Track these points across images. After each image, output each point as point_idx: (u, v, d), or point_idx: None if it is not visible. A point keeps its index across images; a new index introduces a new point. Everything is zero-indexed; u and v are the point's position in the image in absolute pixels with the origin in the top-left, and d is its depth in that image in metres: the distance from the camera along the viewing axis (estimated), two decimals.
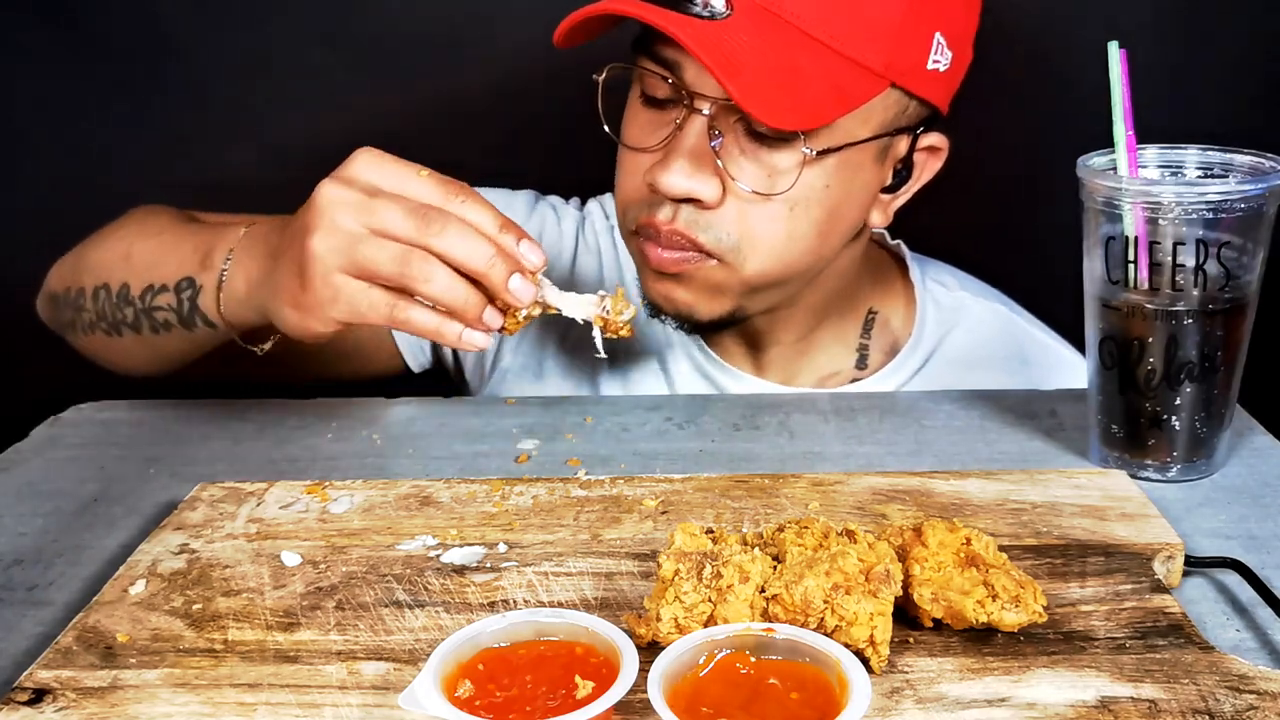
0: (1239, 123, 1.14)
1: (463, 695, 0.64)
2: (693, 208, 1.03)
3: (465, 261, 0.85)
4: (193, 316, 1.01)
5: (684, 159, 1.01)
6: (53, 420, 1.13)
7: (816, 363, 1.20)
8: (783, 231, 1.04)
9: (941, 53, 1.04)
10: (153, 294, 1.04)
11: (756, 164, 1.02)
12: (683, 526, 0.74)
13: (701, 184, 1.01)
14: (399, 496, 0.91)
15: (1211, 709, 0.65)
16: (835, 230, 1.07)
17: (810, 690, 0.64)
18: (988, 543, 0.75)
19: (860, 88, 1.01)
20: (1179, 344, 0.91)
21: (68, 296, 1.14)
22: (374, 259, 0.85)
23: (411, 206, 0.85)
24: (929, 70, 1.04)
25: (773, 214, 1.03)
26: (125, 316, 1.07)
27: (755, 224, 1.03)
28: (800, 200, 1.03)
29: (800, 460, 1.01)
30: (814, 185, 1.03)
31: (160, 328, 1.05)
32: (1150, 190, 0.90)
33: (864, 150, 1.05)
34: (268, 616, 0.76)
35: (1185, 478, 0.95)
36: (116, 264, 1.08)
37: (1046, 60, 1.50)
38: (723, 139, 1.02)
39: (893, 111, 1.05)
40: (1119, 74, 0.92)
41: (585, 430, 1.08)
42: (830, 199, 1.04)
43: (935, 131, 1.10)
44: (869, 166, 1.06)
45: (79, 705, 0.68)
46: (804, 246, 1.05)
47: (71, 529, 0.93)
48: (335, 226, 0.85)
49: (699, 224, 1.03)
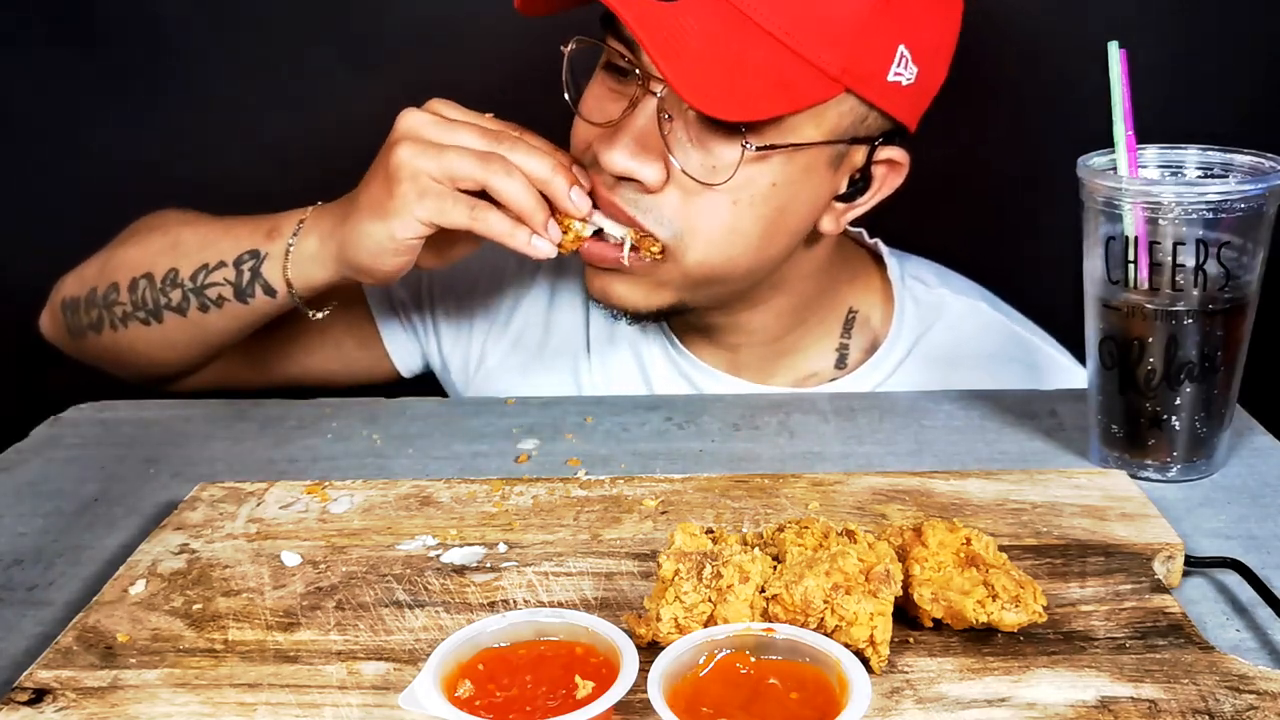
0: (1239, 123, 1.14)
1: (463, 695, 0.64)
2: (633, 187, 1.02)
3: (532, 172, 0.97)
4: (251, 286, 1.07)
5: (630, 138, 1.01)
6: (53, 420, 1.13)
7: (794, 363, 1.20)
8: (725, 224, 1.03)
9: (905, 66, 1.02)
10: (207, 272, 1.09)
11: (702, 152, 1.01)
12: (683, 526, 0.74)
13: (643, 165, 1.00)
14: (399, 496, 0.91)
15: (1211, 709, 0.65)
16: (781, 230, 1.06)
17: (810, 690, 0.64)
18: (988, 543, 0.75)
19: (810, 88, 0.99)
20: (1179, 344, 0.91)
21: (94, 296, 1.16)
22: (459, 162, 0.96)
23: (484, 130, 0.99)
24: (889, 82, 1.02)
25: (715, 205, 1.02)
26: (171, 299, 1.10)
27: (697, 214, 1.02)
28: (744, 195, 1.02)
29: (800, 460, 1.01)
30: (758, 181, 1.02)
31: (211, 304, 1.09)
32: (1150, 190, 0.90)
33: (816, 153, 1.03)
34: (268, 616, 0.76)
35: (1185, 478, 0.95)
36: (161, 253, 1.12)
37: (1046, 60, 1.50)
38: (672, 123, 1.01)
39: (849, 119, 1.03)
40: (1119, 74, 0.92)
41: (585, 430, 1.08)
42: (777, 197, 1.03)
43: (896, 146, 1.08)
44: (820, 171, 1.05)
45: (79, 705, 0.68)
46: (747, 242, 1.04)
47: (71, 529, 0.93)
48: (421, 138, 0.97)
49: (639, 204, 1.03)
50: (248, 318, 1.10)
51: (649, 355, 1.22)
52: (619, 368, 1.23)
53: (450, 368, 1.28)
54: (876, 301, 1.23)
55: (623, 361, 1.23)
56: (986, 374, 1.18)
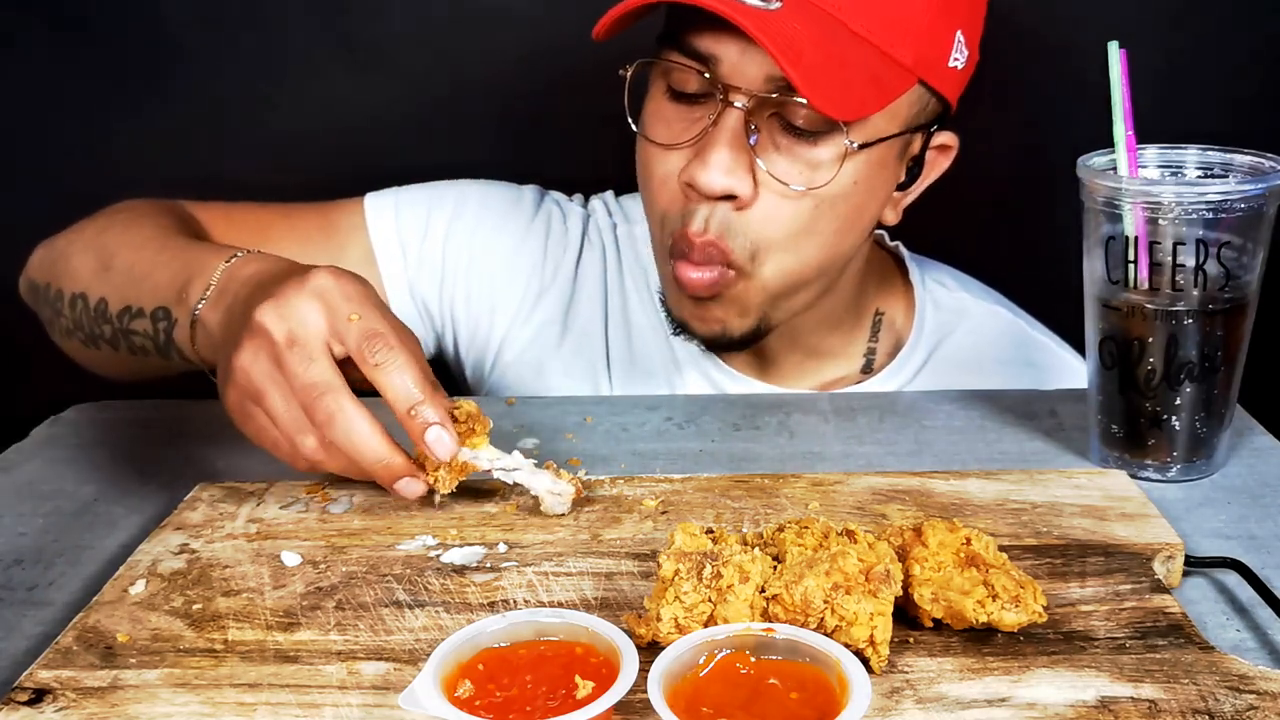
0: (1239, 123, 1.14)
1: (463, 695, 0.64)
2: (727, 208, 1.02)
3: (351, 455, 0.83)
4: (169, 349, 0.98)
5: (724, 153, 0.99)
6: (53, 420, 1.13)
7: (824, 367, 1.20)
8: (801, 231, 1.03)
9: (960, 51, 1.04)
10: (130, 316, 1.00)
11: (793, 159, 1.02)
12: (683, 526, 0.74)
13: (739, 180, 1.00)
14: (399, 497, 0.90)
15: (1211, 709, 0.65)
16: (855, 227, 1.07)
17: (810, 690, 0.64)
18: (988, 543, 0.75)
19: (895, 82, 1.01)
20: (1179, 344, 0.91)
21: (46, 294, 1.11)
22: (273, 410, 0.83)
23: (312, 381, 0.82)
24: (949, 68, 1.04)
25: (796, 213, 1.02)
26: (103, 333, 1.04)
27: (776, 225, 1.02)
28: (828, 197, 1.02)
29: (800, 460, 1.01)
30: (843, 181, 1.02)
31: (138, 350, 1.01)
32: (1150, 190, 0.90)
33: (890, 147, 1.05)
34: (268, 616, 0.76)
35: (1185, 478, 0.95)
36: (95, 275, 1.05)
37: (1046, 60, 1.50)
38: (759, 134, 1.01)
39: (915, 108, 1.05)
40: (1119, 74, 0.92)
41: (585, 430, 1.08)
42: (857, 195, 1.04)
43: (947, 130, 1.10)
44: (891, 164, 1.07)
45: (79, 705, 0.68)
46: (821, 243, 1.05)
47: (71, 529, 0.93)
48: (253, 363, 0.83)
49: (731, 229, 1.02)
50: (174, 366, 1.00)
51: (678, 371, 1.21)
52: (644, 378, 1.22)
53: (466, 364, 1.28)
54: (899, 304, 1.23)
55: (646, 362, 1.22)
56: (1006, 379, 1.18)
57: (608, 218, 1.28)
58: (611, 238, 1.26)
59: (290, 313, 0.83)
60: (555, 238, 1.25)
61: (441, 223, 1.23)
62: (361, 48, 1.60)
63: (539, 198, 1.28)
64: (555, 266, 1.25)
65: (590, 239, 1.26)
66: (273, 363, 0.83)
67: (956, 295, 1.24)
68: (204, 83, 1.60)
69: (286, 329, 0.83)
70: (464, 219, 1.24)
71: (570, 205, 1.29)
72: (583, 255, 1.25)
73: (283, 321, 0.83)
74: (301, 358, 0.82)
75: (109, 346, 1.04)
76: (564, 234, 1.26)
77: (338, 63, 1.59)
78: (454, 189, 1.26)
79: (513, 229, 1.25)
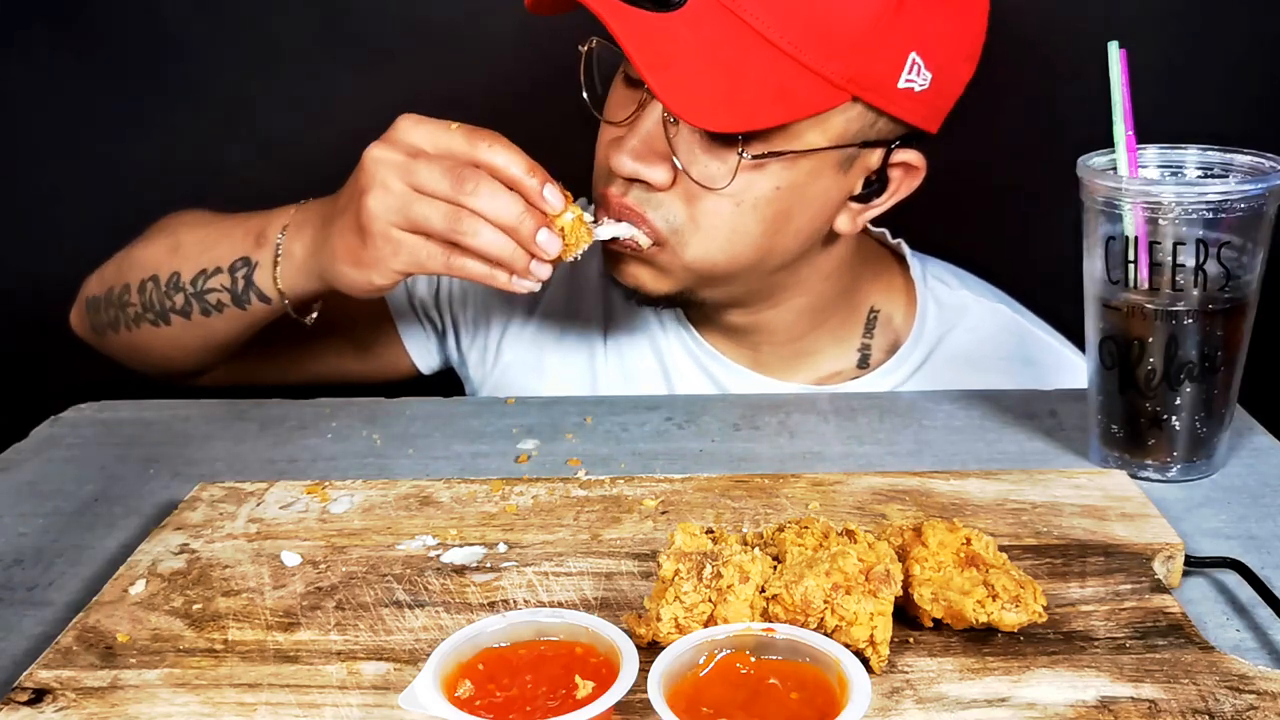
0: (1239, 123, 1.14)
1: (463, 695, 0.64)
2: (642, 188, 1.04)
3: (497, 219, 0.93)
4: (247, 293, 1.07)
5: (637, 141, 1.03)
6: (53, 420, 1.13)
7: (816, 362, 1.20)
8: (726, 225, 1.04)
9: (918, 73, 1.02)
10: (205, 277, 1.09)
11: (705, 156, 1.03)
12: (683, 526, 0.74)
13: (649, 169, 1.03)
14: (399, 496, 0.91)
15: (1211, 709, 0.65)
16: (785, 231, 1.07)
17: (810, 690, 0.64)
18: (988, 543, 0.75)
19: (812, 97, 1.00)
20: (1179, 344, 0.91)
21: (110, 296, 1.17)
22: (426, 217, 0.94)
23: (447, 166, 0.94)
24: (900, 89, 1.02)
25: (718, 207, 1.04)
26: (175, 303, 1.11)
27: (701, 214, 1.04)
28: (747, 198, 1.03)
29: (800, 460, 1.01)
30: (760, 185, 1.03)
31: (212, 309, 1.10)
32: (1150, 190, 0.90)
33: (821, 158, 1.04)
34: (268, 616, 0.76)
35: (1185, 478, 0.95)
36: (165, 256, 1.13)
37: (1046, 60, 1.50)
38: (677, 126, 1.02)
39: (857, 124, 1.04)
40: (1119, 74, 0.92)
41: (585, 430, 1.08)
42: (781, 200, 1.04)
43: (913, 150, 1.08)
44: (827, 174, 1.05)
45: (79, 705, 0.68)
46: (748, 242, 1.05)
47: (71, 529, 0.93)
48: (386, 186, 0.94)
49: (648, 202, 1.05)
50: (249, 320, 1.10)
51: (670, 351, 1.22)
52: (637, 361, 1.23)
53: (469, 363, 1.28)
54: (899, 302, 1.23)
55: (641, 356, 1.23)
56: (1007, 377, 1.18)
57: None
58: None
59: (397, 140, 0.96)
60: None
61: None
62: (361, 48, 1.60)
63: None
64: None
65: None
66: (403, 177, 0.94)
67: (958, 293, 1.24)
68: (203, 82, 1.60)
69: (402, 151, 0.95)
70: None
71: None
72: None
73: (395, 148, 0.95)
74: (427, 160, 0.94)
75: (180, 316, 1.12)
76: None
77: (338, 63, 1.59)
78: None
79: None
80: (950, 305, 1.23)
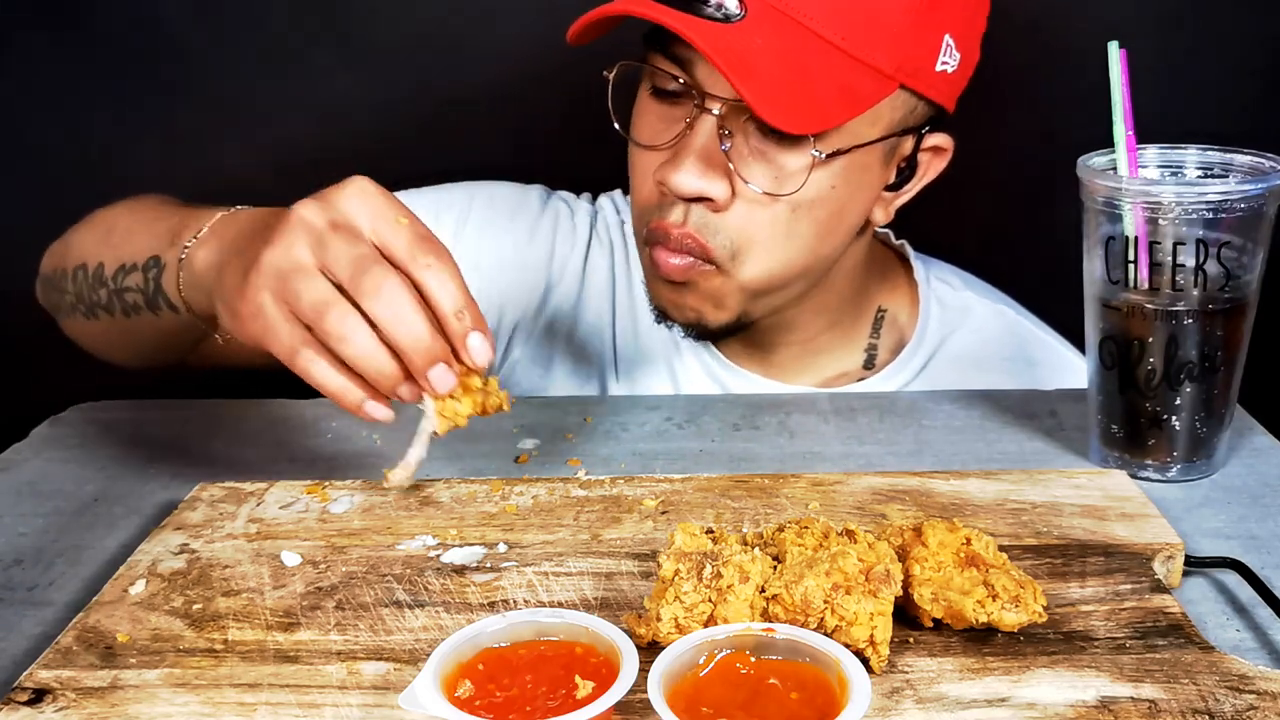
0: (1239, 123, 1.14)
1: (463, 695, 0.64)
2: (703, 209, 1.03)
3: (390, 330, 0.79)
4: (157, 298, 0.95)
5: (695, 158, 1.01)
6: (53, 420, 1.13)
7: (826, 363, 1.21)
8: (781, 234, 1.04)
9: (950, 54, 1.04)
10: (124, 273, 0.99)
11: (766, 164, 1.02)
12: (683, 526, 0.74)
13: (711, 184, 1.01)
14: (399, 496, 0.90)
15: (1211, 709, 0.65)
16: (837, 230, 1.07)
17: (810, 690, 0.64)
18: (988, 543, 0.75)
19: (869, 89, 1.01)
20: (1179, 344, 0.91)
21: (53, 278, 1.11)
22: (297, 293, 0.79)
23: (362, 254, 0.79)
24: (937, 72, 1.04)
25: (774, 216, 1.03)
26: (100, 298, 1.02)
27: (756, 228, 1.03)
28: (805, 201, 1.03)
29: (800, 460, 1.01)
30: (820, 187, 1.03)
31: (130, 310, 0.99)
32: (1150, 190, 0.90)
33: (871, 151, 1.05)
34: (268, 616, 0.76)
35: (1185, 478, 0.95)
36: (97, 243, 1.04)
37: (1046, 60, 1.50)
38: (733, 139, 1.02)
39: (900, 112, 1.05)
40: (1119, 74, 0.92)
41: (585, 430, 1.08)
42: (836, 199, 1.04)
43: (941, 132, 1.10)
44: (875, 167, 1.07)
45: (79, 705, 0.68)
46: (802, 246, 1.05)
47: (71, 529, 0.93)
48: (288, 247, 0.80)
49: (709, 227, 1.03)
50: (170, 329, 0.98)
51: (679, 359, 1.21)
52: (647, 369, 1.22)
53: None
54: (904, 302, 1.23)
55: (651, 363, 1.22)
56: (1011, 378, 1.19)
57: (615, 215, 1.28)
58: (619, 235, 1.26)
59: (334, 206, 0.81)
60: (563, 235, 1.25)
61: (450, 224, 1.23)
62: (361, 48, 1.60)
63: (545, 196, 1.28)
64: (563, 263, 1.25)
65: (599, 235, 1.27)
66: (312, 246, 0.79)
67: (961, 294, 1.24)
68: (204, 82, 1.60)
69: (329, 218, 0.80)
70: (472, 220, 1.24)
71: (578, 203, 1.29)
72: (590, 252, 1.26)
73: (325, 212, 0.80)
74: (349, 238, 0.79)
75: (105, 313, 1.02)
76: (571, 231, 1.26)
77: (338, 63, 1.59)
78: (461, 190, 1.26)
79: (521, 227, 1.25)
80: (954, 306, 1.23)
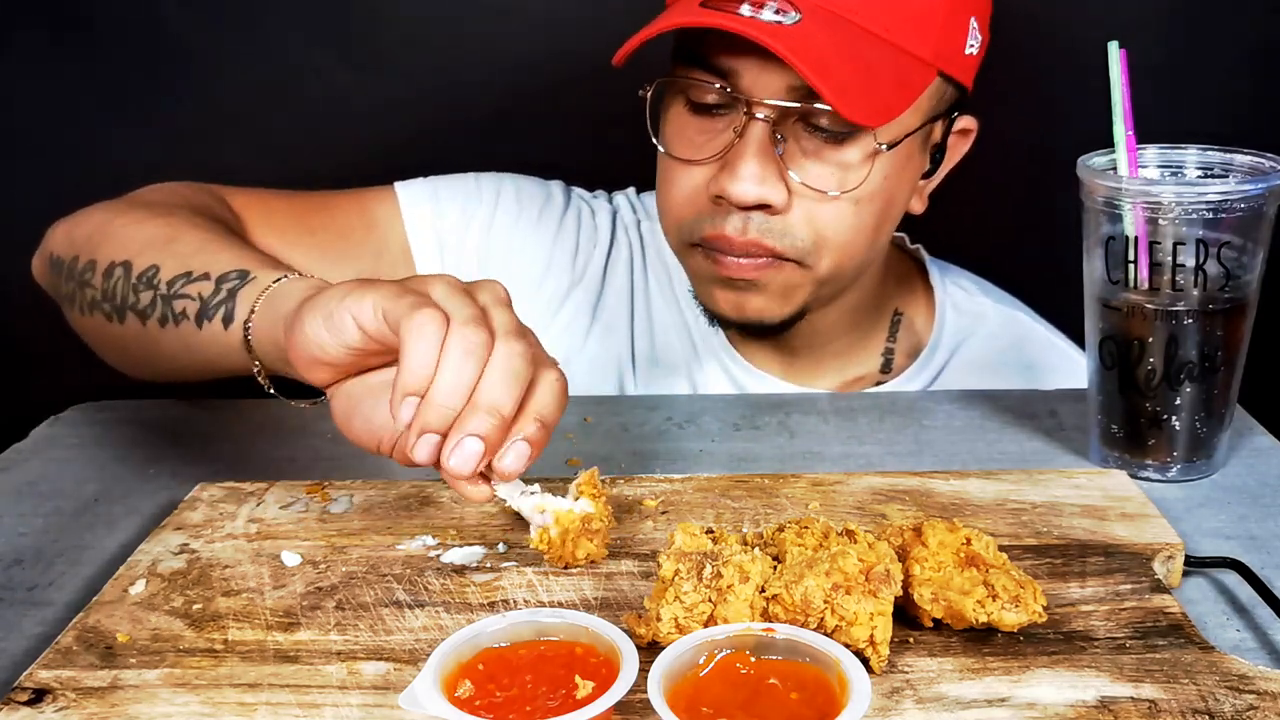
0: (1239, 123, 1.14)
1: (463, 695, 0.64)
2: (762, 215, 1.03)
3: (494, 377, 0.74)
4: (217, 308, 0.90)
5: (752, 165, 1.01)
6: (53, 420, 1.13)
7: (844, 366, 1.21)
8: (850, 227, 1.05)
9: (975, 36, 1.06)
10: (186, 281, 0.93)
11: (822, 164, 1.03)
12: (683, 526, 0.74)
13: (771, 189, 1.02)
14: (399, 496, 0.90)
15: (1211, 709, 0.65)
16: (890, 220, 1.09)
17: (810, 690, 0.64)
18: (988, 543, 0.75)
19: (918, 79, 1.02)
20: (1179, 344, 0.91)
21: (73, 267, 1.04)
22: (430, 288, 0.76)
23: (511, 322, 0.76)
24: (966, 55, 1.06)
25: (839, 212, 1.04)
26: (137, 300, 0.97)
27: (824, 223, 1.04)
28: (864, 196, 1.04)
29: (800, 460, 1.01)
30: (875, 179, 1.04)
31: (173, 319, 0.94)
32: (1150, 190, 0.90)
33: (915, 140, 1.06)
34: (268, 616, 0.76)
35: (1185, 478, 0.95)
36: (151, 243, 0.98)
37: (1047, 60, 1.50)
38: (785, 143, 1.02)
39: (934, 99, 1.06)
40: (1119, 74, 0.92)
41: (585, 430, 1.08)
42: (888, 190, 1.06)
43: (966, 115, 1.12)
44: (916, 155, 1.08)
45: (79, 705, 0.68)
46: (867, 239, 1.07)
47: (71, 529, 0.93)
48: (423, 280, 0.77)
49: (772, 231, 1.04)
50: (197, 348, 0.94)
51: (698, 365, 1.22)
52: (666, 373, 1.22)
53: None
54: (920, 306, 1.24)
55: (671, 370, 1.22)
56: (1024, 383, 1.19)
57: (632, 214, 1.28)
58: (636, 234, 1.27)
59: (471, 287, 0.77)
60: (586, 233, 1.26)
61: (480, 216, 1.23)
62: (361, 48, 1.60)
63: (567, 193, 1.28)
64: (586, 262, 1.25)
65: (618, 235, 1.27)
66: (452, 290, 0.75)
67: (976, 300, 1.24)
68: (204, 83, 1.60)
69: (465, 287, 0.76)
70: (501, 213, 1.23)
71: (598, 201, 1.29)
72: (612, 251, 1.26)
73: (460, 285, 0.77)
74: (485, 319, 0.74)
75: (136, 318, 0.97)
76: (594, 230, 1.26)
77: (339, 62, 1.60)
78: (489, 182, 1.25)
79: (547, 223, 1.25)
80: (969, 311, 1.23)
